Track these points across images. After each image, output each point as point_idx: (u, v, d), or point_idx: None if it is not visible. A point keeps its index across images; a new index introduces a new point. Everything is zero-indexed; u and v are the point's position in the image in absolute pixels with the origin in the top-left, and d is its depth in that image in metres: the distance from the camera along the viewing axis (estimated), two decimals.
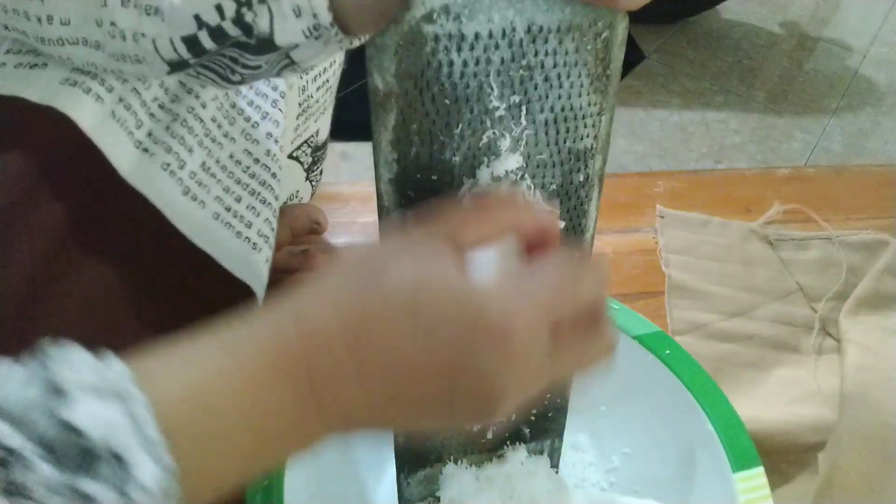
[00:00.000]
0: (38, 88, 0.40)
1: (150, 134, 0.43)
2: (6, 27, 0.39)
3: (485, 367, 0.29)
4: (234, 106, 0.49)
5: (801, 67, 1.88)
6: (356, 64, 0.33)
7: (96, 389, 0.25)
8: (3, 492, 0.23)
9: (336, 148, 0.77)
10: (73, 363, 0.25)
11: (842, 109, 1.75)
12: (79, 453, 0.24)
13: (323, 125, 0.67)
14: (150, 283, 0.43)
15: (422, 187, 0.35)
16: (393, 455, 0.46)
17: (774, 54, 1.93)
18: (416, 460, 0.46)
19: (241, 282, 0.47)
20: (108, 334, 0.40)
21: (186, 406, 0.27)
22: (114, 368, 0.26)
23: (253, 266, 0.48)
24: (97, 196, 0.42)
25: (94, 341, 0.39)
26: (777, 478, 0.59)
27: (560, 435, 0.50)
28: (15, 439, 0.23)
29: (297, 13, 0.33)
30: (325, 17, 0.33)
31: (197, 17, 0.34)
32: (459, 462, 0.47)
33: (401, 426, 0.36)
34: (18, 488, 0.23)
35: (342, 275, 0.31)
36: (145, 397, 0.25)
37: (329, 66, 0.62)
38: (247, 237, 0.48)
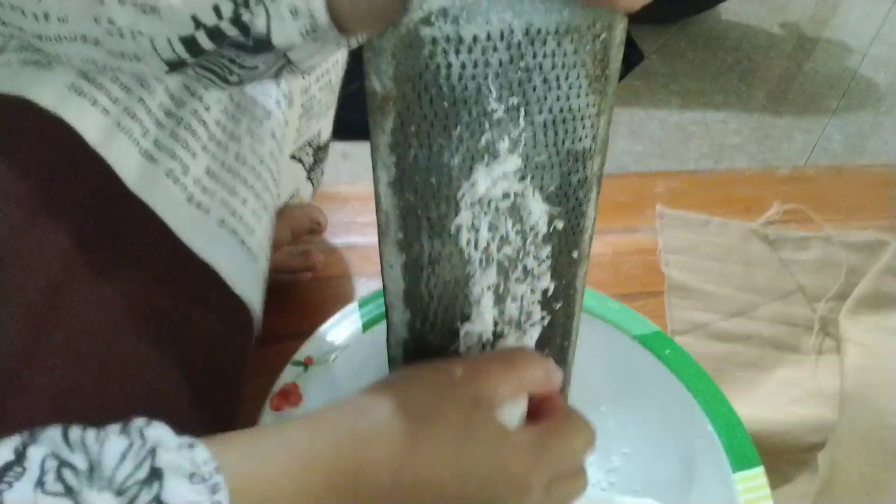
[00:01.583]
0: (47, 92, 0.40)
1: (155, 141, 0.43)
2: (3, 23, 0.39)
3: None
4: (238, 106, 0.49)
5: (801, 67, 1.88)
6: (358, 64, 0.33)
7: (191, 476, 0.28)
8: None
9: (337, 148, 0.77)
10: (169, 445, 0.29)
11: (842, 109, 1.75)
12: None
13: (325, 125, 0.67)
14: (153, 301, 0.43)
15: (420, 190, 0.35)
16: None
17: (774, 54, 1.93)
18: None
19: (239, 299, 0.47)
20: (111, 354, 0.40)
21: (254, 496, 0.31)
22: (203, 457, 0.29)
23: (251, 278, 0.48)
24: (101, 212, 0.41)
25: (99, 361, 0.39)
26: (777, 478, 0.59)
27: None
28: None
29: (294, 14, 0.33)
30: (322, 18, 0.33)
31: (194, 18, 0.34)
32: None
33: None
34: None
35: (399, 406, 0.36)
36: (227, 490, 0.29)
37: (332, 67, 0.62)
38: (248, 246, 0.48)
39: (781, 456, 0.60)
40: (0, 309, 0.37)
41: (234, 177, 0.47)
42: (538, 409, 0.40)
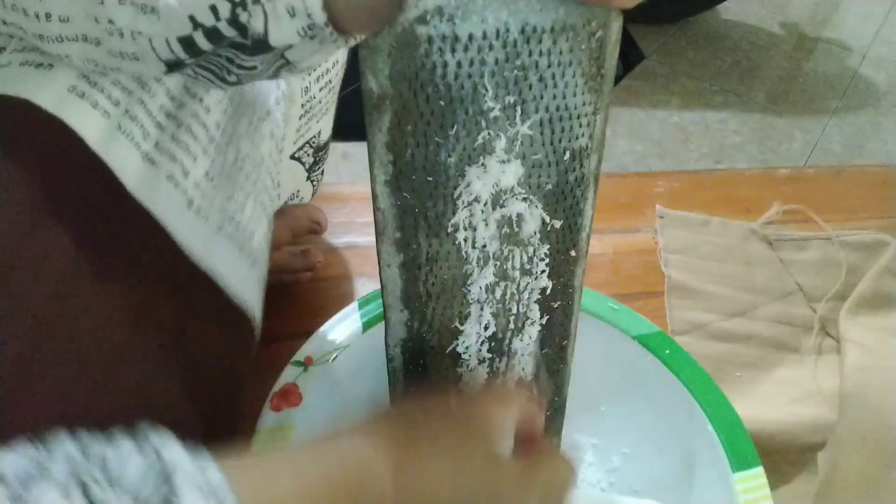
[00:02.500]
0: (47, 94, 0.40)
1: (156, 144, 0.43)
2: (4, 22, 0.39)
3: None
4: (237, 107, 0.49)
5: (801, 67, 1.88)
6: (357, 64, 0.33)
7: (201, 489, 0.29)
8: None
9: (337, 148, 0.78)
10: (184, 466, 0.29)
11: (841, 109, 1.75)
12: None
13: (325, 125, 0.67)
14: (153, 307, 0.43)
15: (417, 189, 0.35)
16: None
17: (774, 54, 1.93)
18: None
19: (238, 306, 0.47)
20: (112, 359, 0.40)
21: None
22: (212, 473, 0.30)
23: (250, 284, 0.48)
24: (103, 216, 0.41)
25: (100, 365, 0.39)
26: (777, 478, 0.59)
27: (559, 433, 0.50)
28: None
29: (292, 13, 0.33)
30: (320, 17, 0.33)
31: (192, 18, 0.34)
32: None
33: None
34: None
35: (399, 424, 0.38)
36: None
37: (332, 67, 0.62)
38: (247, 251, 0.47)
39: (781, 456, 0.60)
40: (4, 315, 0.37)
41: (233, 181, 0.47)
42: (521, 446, 0.42)
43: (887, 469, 0.58)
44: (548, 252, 0.40)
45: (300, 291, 0.71)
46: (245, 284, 0.47)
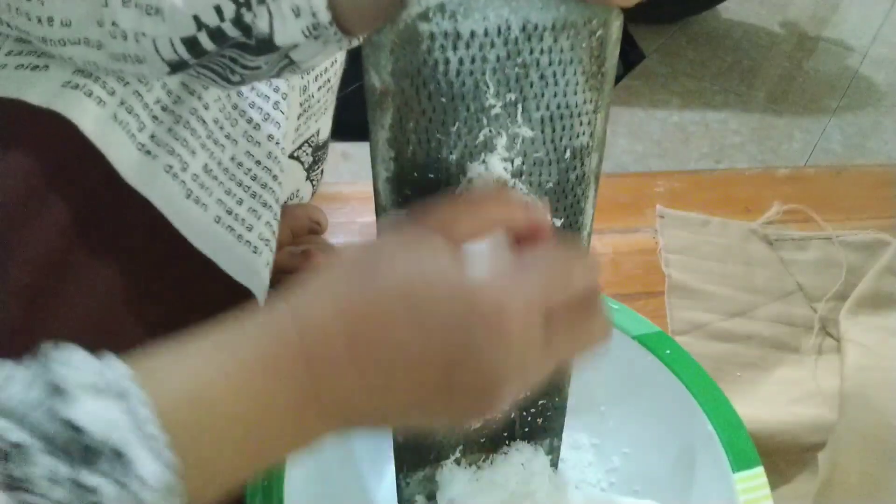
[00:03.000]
0: (39, 91, 0.40)
1: (152, 136, 0.43)
2: (8, 25, 0.39)
3: (481, 356, 0.29)
4: (235, 107, 0.49)
5: (801, 67, 1.88)
6: (357, 63, 0.33)
7: (97, 389, 0.25)
8: (4, 486, 0.23)
9: (336, 148, 0.77)
10: (74, 363, 0.26)
11: (842, 109, 1.75)
12: (80, 450, 0.24)
13: (324, 125, 0.67)
14: (152, 288, 0.43)
15: (419, 185, 0.35)
16: (392, 455, 0.46)
17: (774, 54, 1.93)
18: (415, 460, 0.46)
19: (242, 286, 0.47)
20: (109, 339, 0.40)
21: (187, 404, 0.27)
22: (114, 368, 0.26)
23: (254, 269, 0.48)
24: (100, 200, 0.42)
25: (97, 346, 0.39)
26: (777, 478, 0.59)
27: (559, 434, 0.50)
28: (17, 434, 0.23)
29: (297, 13, 0.33)
30: (325, 17, 0.33)
31: (196, 18, 0.34)
32: (459, 462, 0.47)
33: (400, 420, 0.36)
34: (20, 482, 0.23)
35: (339, 271, 0.31)
36: (145, 395, 0.26)
37: (330, 66, 0.62)
38: (247, 240, 0.48)
39: (781, 456, 0.60)
40: None
41: (231, 178, 0.47)
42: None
43: (887, 469, 0.58)
44: None
45: None
46: (245, 269, 0.47)
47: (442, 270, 0.29)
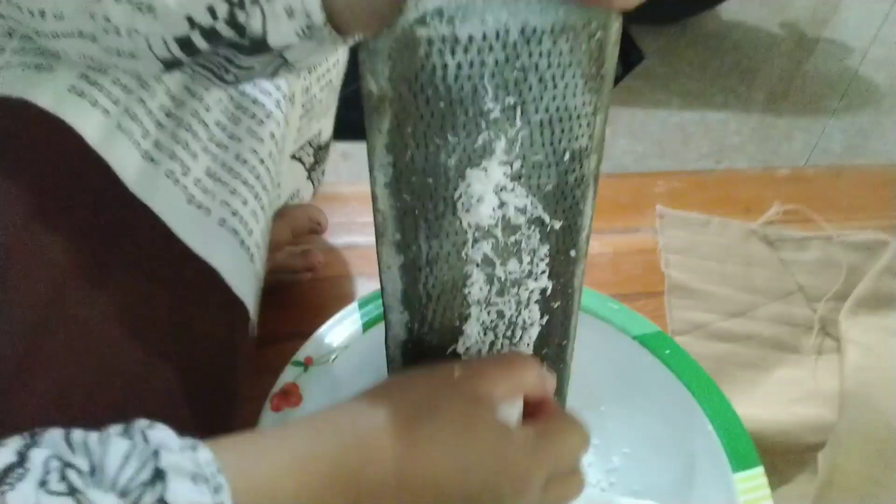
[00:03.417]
0: (47, 94, 0.40)
1: (156, 142, 0.43)
2: (1, 15, 0.39)
3: (503, 500, 0.36)
4: (238, 106, 0.49)
5: (801, 67, 1.88)
6: (358, 64, 0.33)
7: (193, 477, 0.28)
8: None
9: (337, 148, 0.77)
10: (171, 447, 0.29)
11: (842, 109, 1.74)
12: None
13: (325, 125, 0.67)
14: (150, 303, 0.43)
15: (417, 190, 0.35)
16: None
17: (774, 54, 1.92)
18: None
19: (236, 300, 0.47)
20: (110, 355, 0.40)
21: (256, 495, 0.31)
22: (206, 458, 0.30)
23: (249, 279, 0.48)
24: (101, 213, 0.41)
25: (98, 362, 0.39)
26: (777, 478, 0.59)
27: None
28: None
29: (290, 14, 0.33)
30: (319, 17, 0.33)
31: (189, 18, 0.34)
32: None
33: None
34: None
35: (400, 400, 0.36)
36: (230, 488, 0.29)
37: (332, 66, 0.62)
38: (247, 246, 0.48)
39: (781, 456, 0.60)
40: (2, 311, 0.38)
41: (235, 177, 0.47)
42: (532, 412, 0.40)
43: (887, 469, 0.58)
44: (548, 253, 0.40)
45: (300, 291, 0.71)
46: (243, 277, 0.47)
47: (489, 425, 0.37)
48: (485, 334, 0.42)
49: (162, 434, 0.30)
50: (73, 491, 0.26)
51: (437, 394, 0.37)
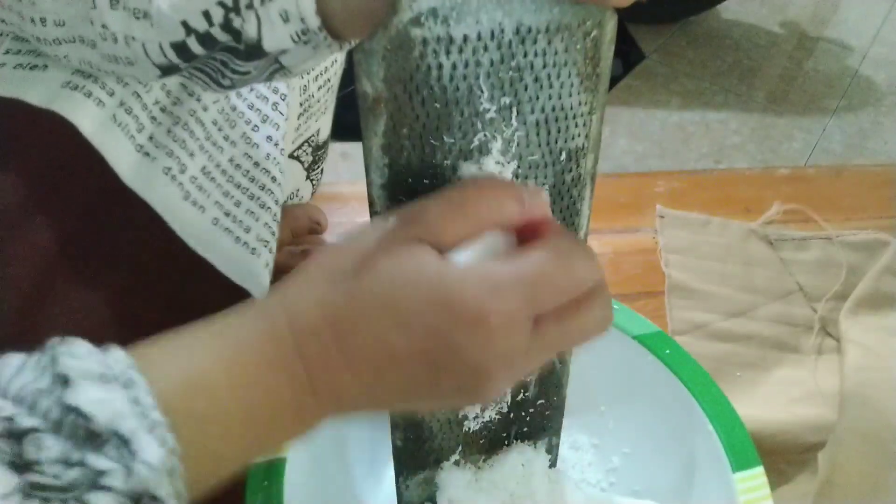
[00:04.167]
0: (39, 91, 0.40)
1: (151, 138, 0.43)
2: (3, 21, 0.39)
3: (464, 355, 0.30)
4: (234, 109, 0.49)
5: (801, 67, 1.88)
6: (353, 65, 0.33)
7: (101, 377, 0.26)
8: (14, 466, 0.24)
9: (336, 148, 0.77)
10: (79, 354, 0.27)
11: (842, 109, 1.74)
12: (87, 435, 0.25)
13: (324, 125, 0.67)
14: (149, 291, 0.43)
15: (414, 192, 0.35)
16: (391, 458, 0.46)
17: (774, 54, 1.92)
18: (414, 462, 0.46)
19: (239, 289, 0.47)
20: (106, 341, 0.40)
21: (186, 391, 0.28)
22: (116, 357, 0.27)
23: (252, 271, 0.48)
24: (97, 203, 0.42)
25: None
26: (777, 478, 0.59)
27: (558, 433, 0.50)
28: (27, 420, 0.25)
29: (285, 18, 0.33)
30: (314, 22, 0.33)
31: (185, 24, 0.34)
32: (458, 463, 0.47)
33: (393, 407, 0.38)
34: (31, 464, 0.24)
35: (325, 268, 0.32)
36: (147, 383, 0.27)
37: (331, 66, 0.62)
38: (245, 242, 0.48)
39: (781, 456, 0.60)
40: None
41: (229, 180, 0.47)
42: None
43: (887, 469, 0.58)
44: None
45: None
46: (244, 270, 0.47)
47: (421, 271, 0.30)
48: None
49: (71, 346, 0.27)
50: None
51: (364, 252, 0.31)
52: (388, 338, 0.30)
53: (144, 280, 0.43)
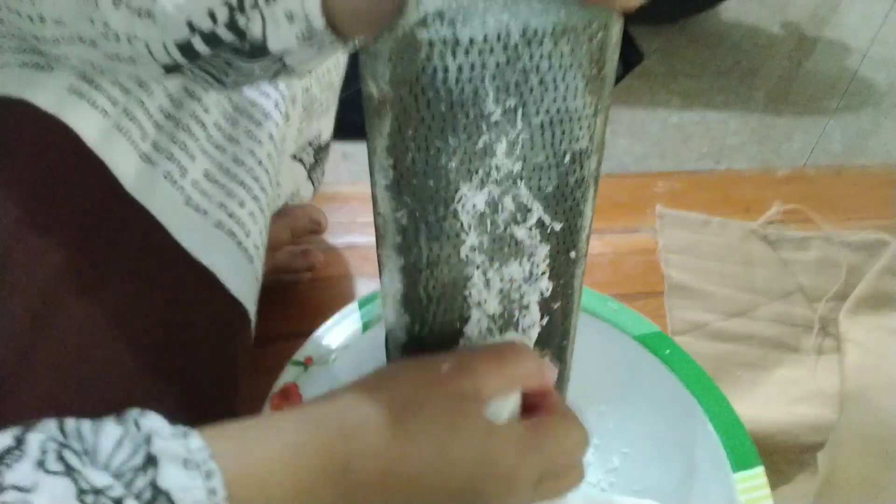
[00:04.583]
0: (46, 94, 0.40)
1: (154, 144, 0.43)
2: (1, 21, 0.39)
3: (488, 496, 0.36)
4: (236, 108, 0.49)
5: (801, 67, 1.88)
6: (358, 65, 0.33)
7: (185, 462, 0.29)
8: None
9: (337, 148, 0.77)
10: (163, 434, 0.30)
11: (842, 109, 1.74)
12: None
13: (325, 125, 0.67)
14: (148, 305, 0.43)
15: (418, 193, 0.35)
16: None
17: (774, 54, 1.92)
18: None
19: (234, 302, 0.47)
20: (106, 359, 0.40)
21: (250, 485, 0.31)
22: (197, 445, 0.30)
23: (247, 280, 0.48)
24: (99, 215, 0.41)
25: (94, 365, 0.39)
26: (777, 478, 0.59)
27: None
28: (119, 491, 0.27)
29: (290, 18, 0.33)
30: (319, 22, 0.33)
31: (189, 23, 0.34)
32: None
33: None
34: None
35: (387, 395, 0.36)
36: (222, 474, 0.30)
37: (333, 67, 0.62)
38: (245, 247, 0.48)
39: (781, 456, 0.60)
40: None
41: (232, 179, 0.47)
42: (534, 407, 0.40)
43: (887, 469, 0.58)
44: (548, 254, 0.40)
45: (300, 291, 0.71)
46: (241, 279, 0.47)
47: (473, 424, 0.36)
48: (485, 336, 0.42)
49: (153, 421, 0.30)
50: (70, 470, 0.27)
51: (423, 389, 0.37)
52: (429, 477, 0.35)
53: (151, 290, 0.43)
